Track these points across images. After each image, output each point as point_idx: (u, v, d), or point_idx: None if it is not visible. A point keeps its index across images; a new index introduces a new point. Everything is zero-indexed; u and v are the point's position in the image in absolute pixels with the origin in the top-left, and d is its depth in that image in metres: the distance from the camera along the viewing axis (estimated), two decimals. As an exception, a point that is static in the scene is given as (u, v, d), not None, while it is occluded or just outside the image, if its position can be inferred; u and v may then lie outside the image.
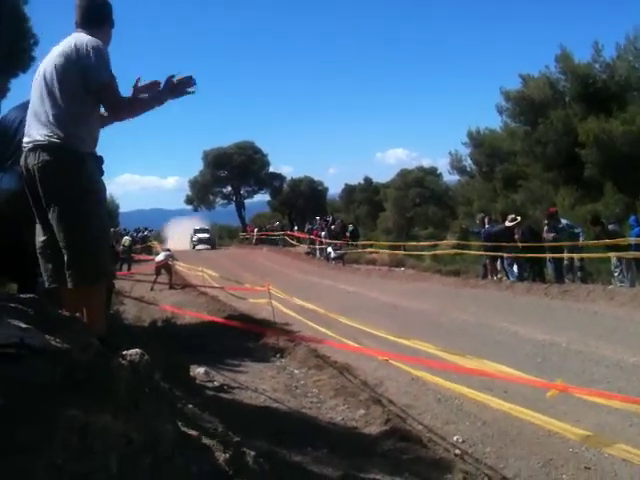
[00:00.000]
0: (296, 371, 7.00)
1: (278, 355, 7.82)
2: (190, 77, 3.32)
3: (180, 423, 2.90)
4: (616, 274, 11.65)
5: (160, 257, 19.06)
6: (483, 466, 4.34)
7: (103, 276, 3.21)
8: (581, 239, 12.56)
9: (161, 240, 42.72)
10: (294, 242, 32.70)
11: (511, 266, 13.90)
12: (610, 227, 12.18)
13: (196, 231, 44.35)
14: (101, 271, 3.14)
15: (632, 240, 11.28)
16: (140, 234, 38.68)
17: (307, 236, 30.22)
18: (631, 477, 4.04)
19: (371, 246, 24.74)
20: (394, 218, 37.36)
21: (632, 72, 23.76)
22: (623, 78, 23.79)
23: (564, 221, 13.28)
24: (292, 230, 35.94)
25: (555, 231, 12.91)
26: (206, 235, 43.93)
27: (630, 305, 9.75)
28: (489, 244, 14.33)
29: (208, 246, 41.15)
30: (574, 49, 26.95)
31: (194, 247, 41.48)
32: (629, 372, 6.34)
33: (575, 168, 23.21)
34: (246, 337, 8.57)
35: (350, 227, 27.20)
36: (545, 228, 13.43)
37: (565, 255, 12.77)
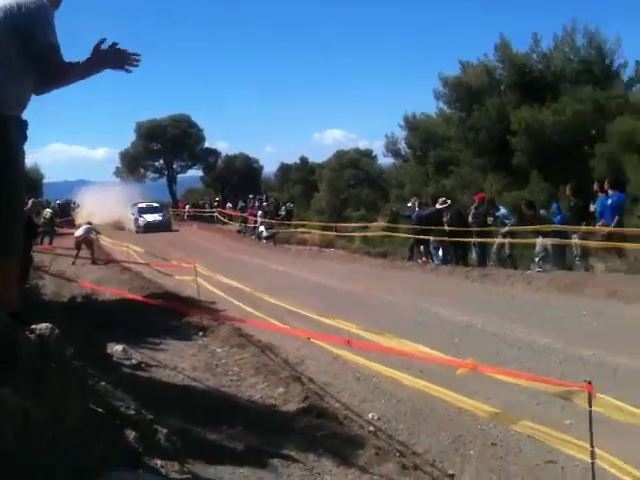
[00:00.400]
0: (218, 349, 7.00)
1: (201, 333, 7.78)
2: (138, 54, 3.11)
3: (91, 400, 2.87)
4: (537, 259, 12.05)
5: (80, 232, 18.35)
6: (395, 442, 4.49)
7: (15, 250, 3.08)
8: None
9: (76, 211, 36.54)
10: (226, 220, 32.36)
11: (437, 250, 14.23)
12: (541, 213, 12.62)
13: (141, 210, 33.22)
14: (14, 245, 3.02)
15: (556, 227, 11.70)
16: (56, 203, 36.44)
17: (239, 214, 29.96)
18: (534, 452, 4.25)
19: (304, 226, 24.78)
20: (328, 199, 37.45)
21: (567, 64, 24.51)
22: (558, 69, 24.50)
23: (503, 210, 13.61)
24: (224, 207, 35.53)
25: (493, 217, 13.22)
26: (157, 217, 32.78)
27: (546, 289, 10.16)
28: (419, 227, 14.57)
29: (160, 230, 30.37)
30: (514, 38, 27.51)
31: (137, 232, 31.17)
32: (540, 353, 6.65)
33: (505, 155, 23.85)
34: (169, 315, 8.48)
35: (288, 205, 27.16)
36: (472, 213, 13.70)
37: (498, 240, 13.00)
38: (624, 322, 7.78)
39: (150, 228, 30.75)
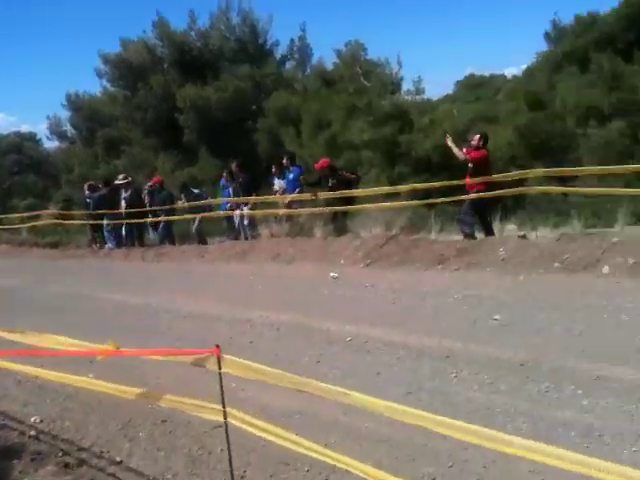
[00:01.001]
0: None
1: None
2: None
3: None
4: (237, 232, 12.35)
5: None
6: (60, 441, 4.23)
7: None
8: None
9: None
10: None
11: (110, 233, 13.75)
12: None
13: None
14: None
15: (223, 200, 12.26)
16: None
17: None
18: (202, 421, 4.31)
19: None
20: (-13, 188, 33.56)
21: (224, 42, 25.67)
22: (216, 47, 25.54)
23: (195, 190, 13.50)
24: None
25: (187, 199, 12.98)
26: None
27: (218, 261, 10.58)
28: (97, 212, 13.79)
29: None
30: (172, 16, 28.02)
31: None
32: (211, 322, 6.85)
33: (174, 133, 24.21)
34: None
35: None
36: (146, 192, 13.47)
37: (197, 216, 12.88)
38: (285, 281, 8.58)
39: None
